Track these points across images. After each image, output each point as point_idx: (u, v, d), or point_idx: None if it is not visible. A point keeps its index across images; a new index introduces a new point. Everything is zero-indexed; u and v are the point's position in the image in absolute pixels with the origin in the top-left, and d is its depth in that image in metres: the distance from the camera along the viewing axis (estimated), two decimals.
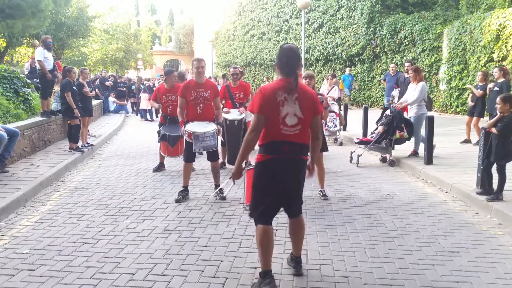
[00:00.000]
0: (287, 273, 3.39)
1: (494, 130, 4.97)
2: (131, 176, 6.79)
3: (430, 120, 7.06)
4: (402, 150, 7.92)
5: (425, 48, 14.83)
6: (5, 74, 9.58)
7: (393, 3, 17.22)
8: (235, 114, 7.01)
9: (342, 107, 11.32)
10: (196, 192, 5.77)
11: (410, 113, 7.69)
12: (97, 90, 13.59)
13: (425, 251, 3.84)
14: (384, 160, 7.78)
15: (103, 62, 34.80)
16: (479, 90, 8.46)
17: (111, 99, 17.61)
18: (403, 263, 3.58)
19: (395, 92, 10.27)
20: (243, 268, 3.47)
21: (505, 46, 11.19)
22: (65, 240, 4.06)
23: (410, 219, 4.71)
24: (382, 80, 14.23)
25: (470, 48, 12.65)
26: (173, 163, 7.62)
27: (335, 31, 19.41)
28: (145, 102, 15.34)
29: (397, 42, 16.09)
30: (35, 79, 11.59)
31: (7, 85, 9.33)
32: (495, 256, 3.76)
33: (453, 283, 3.25)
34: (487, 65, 11.80)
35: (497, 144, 4.93)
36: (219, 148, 5.66)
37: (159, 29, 58.99)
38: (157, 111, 7.50)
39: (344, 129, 11.05)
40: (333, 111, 9.46)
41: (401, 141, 7.55)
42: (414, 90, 7.45)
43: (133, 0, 59.05)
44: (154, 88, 12.78)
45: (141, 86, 17.50)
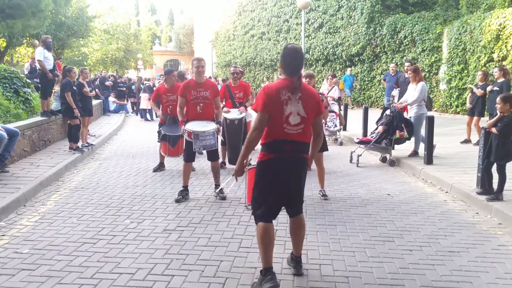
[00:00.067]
0: (287, 273, 3.38)
1: (494, 130, 4.97)
2: (131, 176, 6.79)
3: (430, 120, 7.06)
4: (402, 150, 7.92)
5: (425, 48, 14.83)
6: (5, 74, 9.58)
7: (393, 3, 17.22)
8: (235, 113, 7.01)
9: (342, 107, 11.33)
10: (196, 192, 5.77)
11: (410, 113, 7.69)
12: (97, 90, 13.60)
13: (425, 251, 3.83)
14: (384, 160, 7.78)
15: (103, 62, 34.81)
16: (479, 90, 8.46)
17: (111, 99, 17.61)
18: (403, 263, 3.58)
19: (395, 92, 10.27)
20: (243, 268, 3.47)
21: (505, 46, 11.19)
22: (65, 240, 4.06)
23: (410, 219, 4.71)
24: (382, 80, 14.23)
25: (470, 48, 12.65)
26: (173, 163, 7.61)
27: (335, 31, 19.41)
28: (145, 102, 15.34)
29: (397, 42, 16.09)
30: (35, 79, 11.59)
31: (7, 85, 9.32)
32: (495, 256, 3.76)
33: (453, 283, 3.25)
34: (487, 65, 11.80)
35: (497, 144, 4.93)
36: (219, 147, 5.66)
37: (159, 29, 59.01)
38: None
39: (344, 129, 11.06)
40: (333, 111, 9.46)
41: (401, 141, 7.56)
42: (414, 90, 7.45)
43: (133, 0, 59.05)
44: (154, 88, 12.78)
45: (141, 86, 17.50)
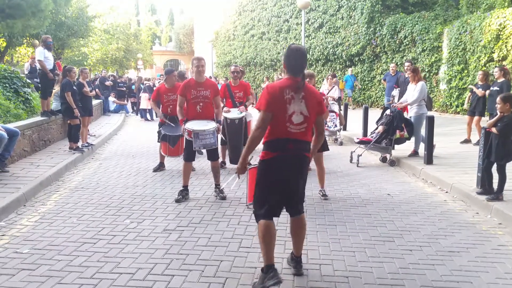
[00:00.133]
0: (287, 273, 3.38)
1: (494, 130, 4.96)
2: (131, 176, 6.79)
3: (430, 120, 7.06)
4: (402, 150, 7.92)
5: (425, 48, 14.82)
6: (5, 74, 9.58)
7: (393, 3, 17.22)
8: (235, 113, 7.01)
9: (342, 107, 11.33)
10: (196, 192, 5.77)
11: (410, 113, 7.70)
12: (97, 90, 13.59)
13: (425, 251, 3.83)
14: (384, 160, 7.78)
15: (103, 62, 34.81)
16: (480, 90, 8.45)
17: (111, 99, 17.61)
18: (403, 263, 3.58)
19: (395, 92, 10.26)
20: (243, 268, 3.47)
21: (505, 46, 11.19)
22: (65, 240, 4.06)
23: (410, 219, 4.71)
24: (382, 80, 14.22)
25: (470, 48, 12.65)
26: (173, 163, 7.61)
27: (335, 31, 19.41)
28: (145, 102, 15.33)
29: (397, 42, 16.08)
30: (35, 79, 11.59)
31: (7, 85, 9.32)
32: (495, 256, 3.76)
33: (453, 282, 3.25)
34: (487, 65, 11.79)
35: (497, 144, 4.93)
36: (219, 147, 5.65)
37: (159, 29, 59.02)
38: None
39: (344, 129, 11.06)
40: (333, 111, 9.46)
41: (401, 141, 7.56)
42: (414, 90, 7.46)
43: (133, 0, 59.07)
44: (154, 88, 12.78)
45: (141, 86, 17.50)
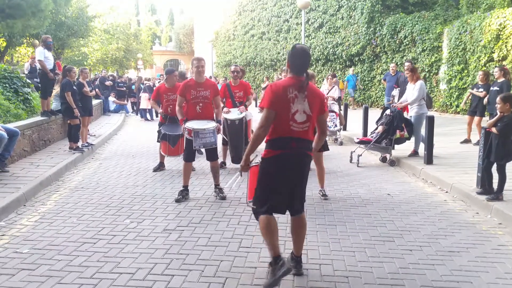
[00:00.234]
0: None
1: (494, 129, 4.96)
2: (131, 175, 6.79)
3: (430, 120, 7.07)
4: (402, 150, 7.92)
5: (425, 48, 14.82)
6: (5, 74, 9.58)
7: (393, 3, 17.21)
8: (235, 113, 7.00)
9: (342, 107, 11.33)
10: (196, 191, 5.77)
11: (410, 113, 7.70)
12: (97, 89, 13.59)
13: (425, 251, 3.83)
14: (384, 160, 7.78)
15: (103, 62, 34.82)
16: (481, 90, 8.45)
17: (111, 98, 17.61)
18: (403, 263, 3.58)
19: (395, 92, 10.27)
20: (243, 268, 3.47)
21: (505, 45, 11.18)
22: (65, 240, 4.06)
23: (410, 219, 4.71)
24: (382, 80, 14.23)
25: (470, 48, 12.65)
26: (173, 163, 7.61)
27: (335, 31, 19.40)
28: (145, 102, 15.33)
29: (397, 42, 16.08)
30: (35, 79, 11.60)
31: (7, 85, 9.32)
32: (495, 256, 3.76)
33: (453, 282, 3.25)
34: (487, 65, 11.79)
35: (497, 143, 4.93)
36: (219, 147, 5.65)
37: (159, 29, 59.03)
38: (157, 112, 7.49)
39: (344, 129, 11.05)
40: (333, 111, 9.45)
41: (401, 140, 7.55)
42: (413, 89, 7.47)
43: (133, 0, 59.08)
44: (154, 87, 12.78)
45: (141, 86, 17.50)
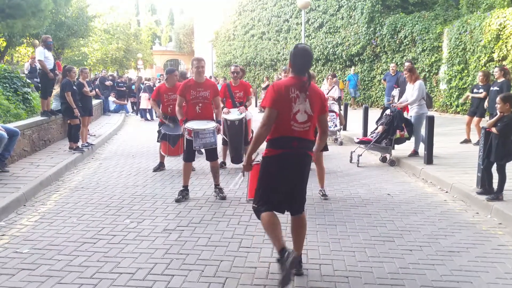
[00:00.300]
0: None
1: (494, 129, 4.96)
2: (131, 175, 6.79)
3: (430, 120, 7.07)
4: (402, 150, 7.92)
5: (425, 48, 14.82)
6: (5, 74, 9.58)
7: (393, 3, 17.21)
8: (235, 114, 7.00)
9: (342, 107, 11.33)
10: (196, 191, 5.77)
11: (410, 113, 7.70)
12: (97, 89, 13.59)
13: (425, 251, 3.83)
14: (384, 159, 7.78)
15: (103, 62, 34.83)
16: (481, 91, 8.45)
17: (111, 98, 17.61)
18: (403, 263, 3.58)
19: (395, 92, 10.26)
20: (243, 268, 3.47)
21: (505, 45, 11.18)
22: (65, 240, 4.06)
23: (410, 219, 4.71)
24: (382, 80, 14.22)
25: (470, 48, 12.65)
26: (173, 163, 7.61)
27: (335, 30, 19.40)
28: (145, 101, 15.33)
29: (397, 42, 16.08)
30: (35, 79, 11.60)
31: (7, 85, 9.33)
32: (495, 255, 3.76)
33: (453, 282, 3.25)
34: (487, 65, 11.79)
35: (497, 143, 4.92)
36: (218, 147, 5.65)
37: (159, 29, 59.04)
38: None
39: (344, 129, 11.05)
40: (333, 111, 9.45)
41: (401, 140, 7.55)
42: (413, 89, 7.48)
43: (133, 0, 59.07)
44: (154, 87, 12.77)
45: (141, 85, 17.50)
